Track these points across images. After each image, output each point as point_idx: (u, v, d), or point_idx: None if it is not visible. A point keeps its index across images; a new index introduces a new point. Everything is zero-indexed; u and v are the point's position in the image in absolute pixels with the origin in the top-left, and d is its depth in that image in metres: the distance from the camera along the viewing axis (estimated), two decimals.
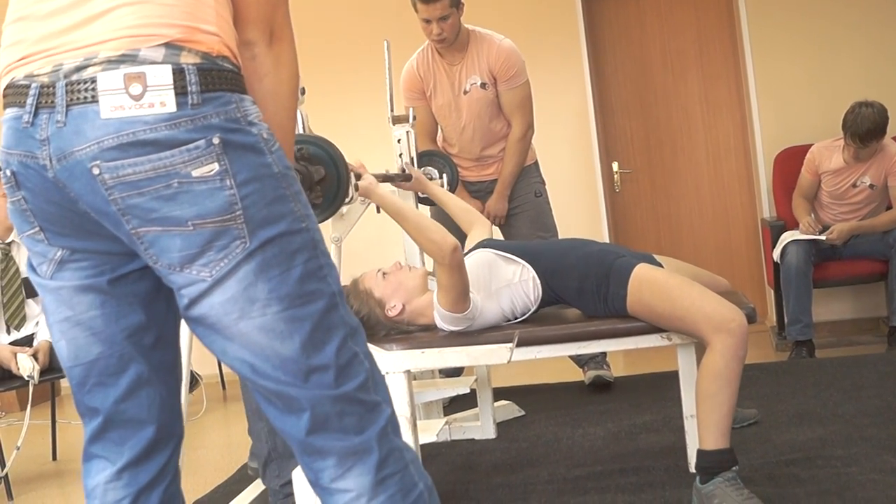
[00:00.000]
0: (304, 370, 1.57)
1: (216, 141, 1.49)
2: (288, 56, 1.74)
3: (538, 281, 3.30)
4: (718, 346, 2.93)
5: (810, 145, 5.79)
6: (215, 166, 1.49)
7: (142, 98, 1.46)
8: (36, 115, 1.51)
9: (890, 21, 6.28)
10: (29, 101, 1.51)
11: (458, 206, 3.90)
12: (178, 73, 1.48)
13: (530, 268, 3.31)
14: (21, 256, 4.87)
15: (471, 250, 3.49)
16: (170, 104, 1.47)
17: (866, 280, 5.76)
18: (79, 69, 1.49)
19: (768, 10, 6.38)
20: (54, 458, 5.14)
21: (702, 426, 2.97)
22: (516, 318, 3.35)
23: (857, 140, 5.34)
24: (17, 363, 4.55)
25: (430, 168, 4.42)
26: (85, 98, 1.47)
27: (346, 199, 2.92)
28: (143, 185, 1.48)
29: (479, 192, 5.01)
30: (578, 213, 5.51)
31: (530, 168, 5.03)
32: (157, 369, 1.76)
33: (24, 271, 4.86)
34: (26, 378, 4.51)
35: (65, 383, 6.29)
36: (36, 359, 4.59)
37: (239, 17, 1.66)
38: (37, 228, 1.64)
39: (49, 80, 1.50)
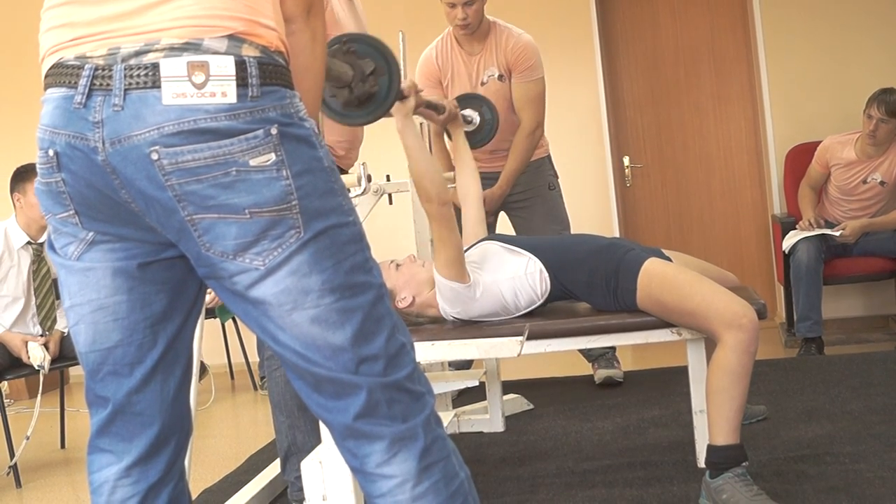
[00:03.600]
0: (356, 360, 1.59)
1: (274, 132, 1.51)
2: (322, 32, 1.76)
3: (546, 274, 3.30)
4: (730, 341, 2.93)
5: (822, 142, 5.78)
6: (272, 156, 1.51)
7: (204, 87, 1.48)
8: (89, 96, 1.50)
9: None
10: (82, 82, 1.51)
11: (468, 171, 3.88)
12: (240, 64, 1.50)
13: (538, 261, 3.31)
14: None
15: (474, 244, 3.49)
16: (231, 95, 1.49)
17: (876, 277, 5.76)
18: (138, 54, 1.49)
19: (782, 5, 6.37)
20: (63, 446, 5.16)
21: (712, 421, 2.97)
22: (519, 311, 3.34)
23: (882, 108, 5.36)
24: (27, 352, 4.57)
25: (469, 112, 4.34)
26: (145, 83, 1.48)
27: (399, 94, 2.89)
28: (201, 171, 1.49)
29: (486, 183, 4.92)
30: (589, 207, 5.52)
31: (543, 161, 5.00)
32: (173, 363, 1.75)
33: (55, 272, 4.88)
34: (37, 367, 4.53)
35: (74, 371, 6.31)
36: (47, 348, 4.61)
37: None
38: (71, 212, 1.63)
39: (105, 63, 1.50)
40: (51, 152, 1.57)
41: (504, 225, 5.00)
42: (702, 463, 3.09)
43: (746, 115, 6.80)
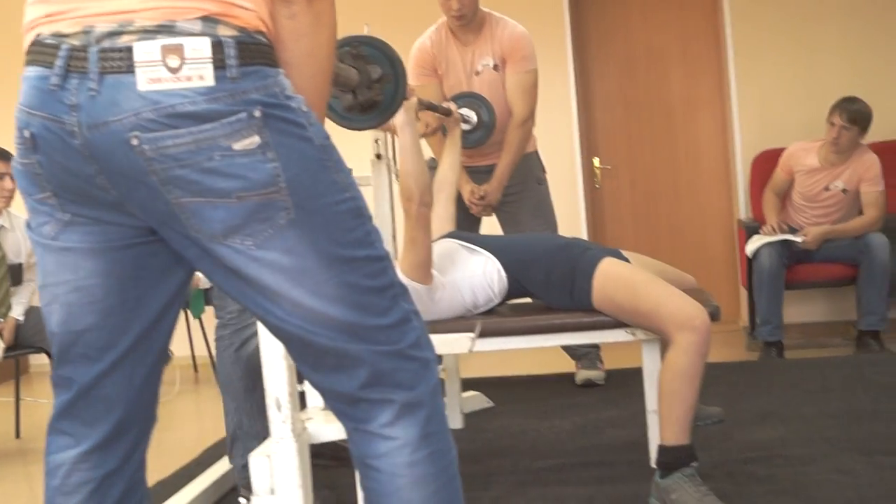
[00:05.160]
0: (358, 330, 1.59)
1: (257, 114, 1.47)
2: (329, 16, 1.68)
3: (503, 273, 3.31)
4: (682, 343, 2.94)
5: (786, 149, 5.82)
6: (256, 139, 1.47)
7: (179, 71, 1.44)
8: (65, 78, 1.47)
9: (873, 26, 6.31)
10: (58, 62, 1.48)
11: (451, 166, 3.90)
12: (216, 45, 1.46)
13: (496, 260, 3.32)
14: (7, 243, 4.83)
15: (434, 241, 3.49)
16: (208, 78, 1.45)
17: (837, 283, 5.80)
18: (112, 35, 1.46)
19: (752, 10, 6.40)
20: (17, 436, 5.12)
21: (663, 422, 2.98)
22: (478, 310, 3.35)
23: (844, 116, 5.40)
24: None
25: (466, 111, 4.38)
26: (119, 67, 1.44)
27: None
28: (183, 157, 1.46)
29: (475, 177, 4.89)
30: (557, 208, 5.49)
31: (531, 155, 4.97)
32: (145, 351, 1.72)
33: (11, 258, 4.84)
34: None
35: (33, 360, 6.28)
36: (1, 335, 4.58)
37: None
38: (48, 193, 1.60)
39: (80, 44, 1.47)
40: (26, 133, 1.54)
41: (488, 219, 4.96)
42: (654, 463, 3.10)
43: (715, 120, 6.83)
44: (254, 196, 1.49)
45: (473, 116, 4.41)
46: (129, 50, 1.44)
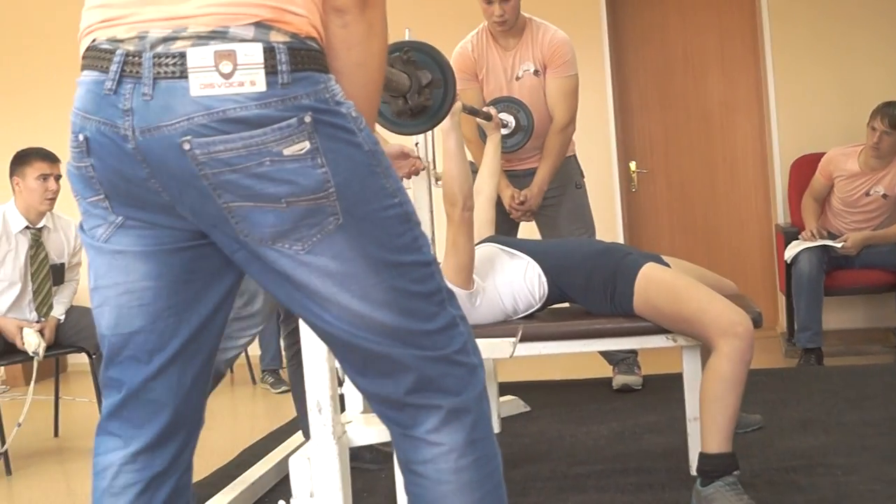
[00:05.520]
0: (405, 335, 1.60)
1: (308, 119, 1.48)
2: (381, 26, 1.68)
3: (544, 278, 3.30)
4: (725, 349, 2.92)
5: (826, 154, 5.78)
6: (306, 144, 1.48)
7: (232, 76, 1.45)
8: (120, 83, 1.49)
9: None
10: (113, 67, 1.49)
11: (491, 171, 3.92)
12: (269, 51, 1.47)
13: (536, 265, 3.31)
14: (50, 243, 4.86)
15: (475, 245, 3.48)
16: (260, 83, 1.46)
17: (878, 290, 5.74)
18: (166, 41, 1.48)
19: (791, 14, 6.35)
20: (56, 434, 5.14)
21: (705, 429, 2.96)
22: (518, 315, 3.35)
23: (885, 121, 5.35)
24: (22, 338, 4.56)
25: (505, 115, 4.41)
26: (173, 73, 1.46)
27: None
28: (234, 162, 1.47)
29: (514, 181, 4.90)
30: (594, 212, 5.48)
31: (570, 159, 4.97)
32: (194, 354, 1.73)
33: (54, 258, 4.87)
34: (31, 354, 4.52)
35: (72, 360, 6.31)
36: (42, 334, 4.60)
37: None
38: (102, 196, 1.61)
39: (135, 49, 1.49)
40: (81, 137, 1.56)
41: (526, 223, 4.95)
42: (694, 471, 3.08)
43: (753, 124, 6.78)
44: (303, 201, 1.50)
45: (512, 120, 4.44)
46: (182, 55, 1.46)
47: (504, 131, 4.30)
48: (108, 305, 1.68)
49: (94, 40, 1.55)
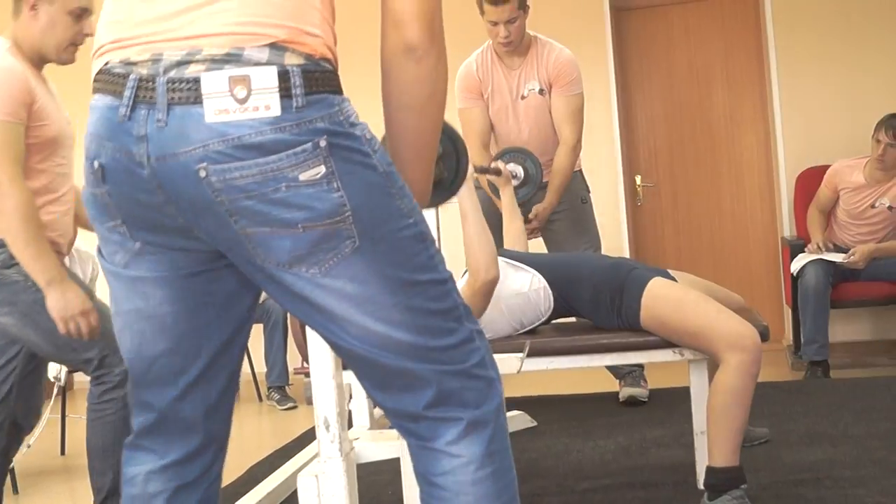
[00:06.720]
0: (424, 352, 1.60)
1: (322, 143, 1.47)
2: (444, 54, 1.67)
3: (550, 291, 3.30)
4: (733, 363, 2.92)
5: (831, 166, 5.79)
6: (322, 169, 1.47)
7: (247, 101, 1.45)
8: (134, 108, 1.49)
9: None
10: (127, 93, 1.49)
11: (511, 215, 3.98)
12: (283, 75, 1.46)
13: (542, 277, 3.31)
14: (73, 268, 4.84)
15: None
16: (274, 107, 1.45)
17: (884, 302, 5.74)
18: (180, 64, 1.47)
19: (796, 26, 6.36)
20: (63, 452, 5.15)
21: (712, 443, 2.96)
22: (525, 328, 3.35)
23: (890, 133, 5.36)
24: None
25: (513, 166, 4.43)
26: (188, 98, 1.45)
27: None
28: (251, 188, 1.47)
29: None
30: (600, 225, 5.49)
31: (576, 174, 4.98)
32: (218, 373, 1.75)
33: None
34: (52, 379, 4.52)
35: (77, 377, 6.30)
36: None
37: (399, 12, 1.60)
38: (118, 221, 1.62)
39: (148, 74, 1.48)
40: (96, 164, 1.56)
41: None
42: (701, 485, 3.08)
43: (758, 137, 6.79)
44: (319, 226, 1.50)
45: (520, 170, 4.46)
46: (196, 81, 1.46)
47: (514, 182, 4.32)
48: (130, 330, 1.71)
49: (106, 63, 1.55)
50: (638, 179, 6.92)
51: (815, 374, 5.40)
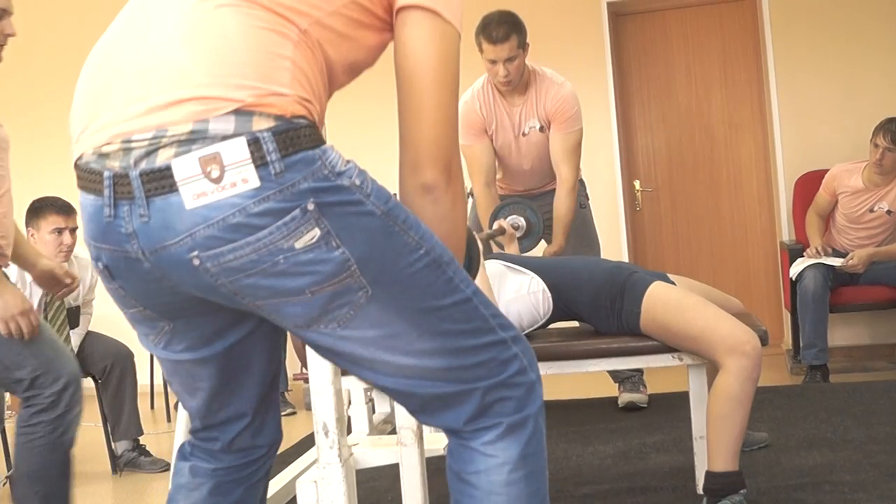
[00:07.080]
0: (460, 372, 1.58)
1: (311, 207, 1.41)
2: (463, 190, 1.68)
3: (549, 294, 3.30)
4: (732, 367, 2.92)
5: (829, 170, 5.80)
6: (316, 232, 1.42)
7: (222, 179, 1.39)
8: (116, 206, 1.45)
9: None
10: (106, 192, 1.45)
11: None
12: (254, 143, 1.39)
13: (540, 280, 3.31)
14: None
15: None
16: (252, 180, 1.39)
17: (883, 306, 5.74)
18: (149, 154, 1.41)
19: (794, 31, 6.38)
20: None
21: (712, 448, 2.96)
22: (523, 331, 3.34)
23: (888, 137, 5.37)
24: None
25: (516, 217, 4.47)
26: (163, 188, 1.41)
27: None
28: (248, 267, 1.43)
29: (531, 200, 4.92)
30: (599, 230, 5.49)
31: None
32: (269, 394, 1.86)
33: (70, 301, 4.82)
34: None
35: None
36: None
37: (416, 156, 1.61)
38: (141, 307, 1.62)
39: (121, 168, 1.43)
40: (100, 265, 1.56)
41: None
42: (701, 489, 3.08)
43: (756, 142, 6.80)
44: (328, 287, 1.46)
45: (522, 221, 4.49)
46: (168, 169, 1.41)
47: (518, 233, 4.36)
48: (187, 393, 1.78)
49: (81, 156, 1.52)
50: (637, 184, 6.92)
51: (814, 378, 5.40)
